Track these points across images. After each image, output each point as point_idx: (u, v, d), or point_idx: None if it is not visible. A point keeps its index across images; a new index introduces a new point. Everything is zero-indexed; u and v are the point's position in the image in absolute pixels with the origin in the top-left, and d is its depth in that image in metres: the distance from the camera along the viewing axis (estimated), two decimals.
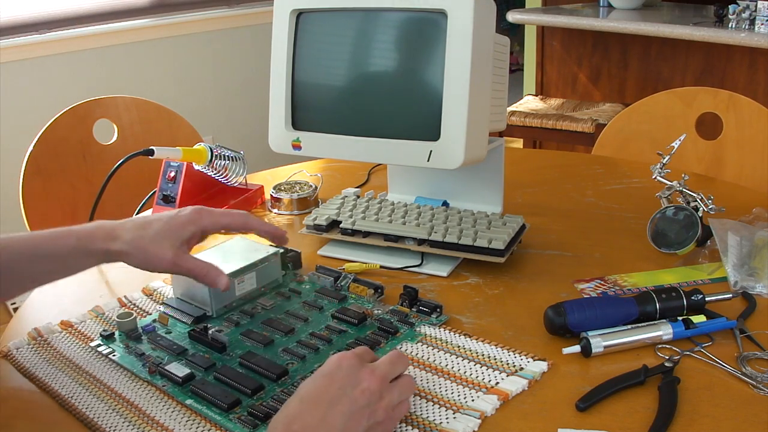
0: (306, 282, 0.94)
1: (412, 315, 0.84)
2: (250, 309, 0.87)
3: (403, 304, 0.86)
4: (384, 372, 0.64)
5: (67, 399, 0.73)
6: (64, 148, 1.52)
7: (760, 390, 0.69)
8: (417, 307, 0.85)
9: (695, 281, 0.90)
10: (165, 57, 2.89)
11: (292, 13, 0.99)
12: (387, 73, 0.96)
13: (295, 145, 1.02)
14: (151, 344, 0.80)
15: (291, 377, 0.73)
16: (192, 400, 0.71)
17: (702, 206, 0.97)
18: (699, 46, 2.62)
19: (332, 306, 0.87)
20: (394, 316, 0.84)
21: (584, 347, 0.75)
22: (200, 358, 0.77)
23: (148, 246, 0.77)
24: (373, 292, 0.88)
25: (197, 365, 0.75)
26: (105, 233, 0.77)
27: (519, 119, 2.62)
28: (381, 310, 0.85)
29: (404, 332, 0.81)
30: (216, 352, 0.78)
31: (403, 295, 0.86)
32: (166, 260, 0.77)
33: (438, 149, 0.91)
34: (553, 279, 0.93)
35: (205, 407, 0.69)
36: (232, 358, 0.77)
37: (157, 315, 0.86)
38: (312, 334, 0.81)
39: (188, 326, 0.84)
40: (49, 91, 2.56)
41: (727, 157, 1.45)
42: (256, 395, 0.70)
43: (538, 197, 1.21)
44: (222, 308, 0.86)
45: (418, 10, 0.91)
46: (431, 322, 0.83)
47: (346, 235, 1.01)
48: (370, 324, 0.82)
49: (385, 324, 0.81)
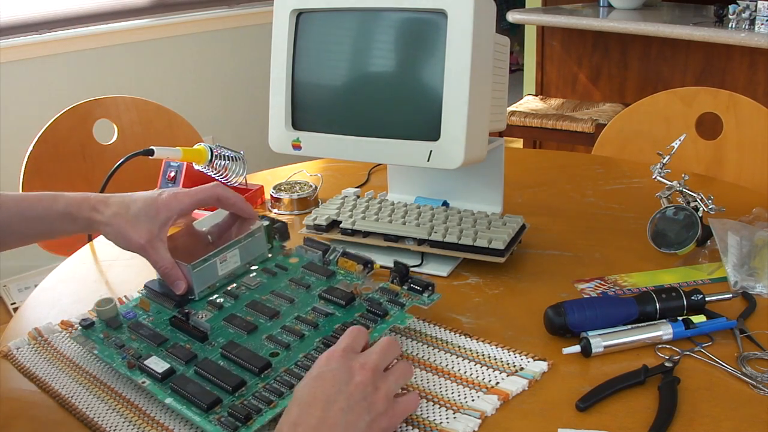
0: (293, 255, 0.91)
1: (402, 294, 0.81)
2: (235, 290, 0.85)
3: (394, 282, 0.83)
4: (375, 362, 0.63)
5: (67, 399, 0.73)
6: (64, 148, 1.53)
7: (760, 390, 0.69)
8: (408, 284, 0.82)
9: (695, 281, 0.90)
10: (165, 57, 2.89)
11: (292, 13, 0.99)
12: (387, 73, 0.96)
13: (295, 145, 1.02)
14: (132, 334, 0.78)
15: (274, 370, 0.71)
16: (172, 398, 0.69)
17: (702, 206, 0.97)
18: (699, 46, 2.62)
19: (320, 284, 0.84)
20: (384, 295, 0.81)
21: (584, 347, 0.75)
22: (181, 350, 0.74)
23: (125, 224, 0.81)
24: (362, 267, 0.86)
25: (178, 358, 0.73)
26: (90, 205, 0.83)
27: (519, 119, 2.62)
28: (371, 287, 0.82)
29: (394, 314, 0.78)
30: (197, 341, 0.76)
31: (394, 272, 0.83)
32: (137, 243, 0.81)
33: (438, 149, 0.91)
34: (553, 279, 0.93)
35: (185, 407, 0.67)
36: (214, 348, 0.75)
37: (138, 300, 0.84)
38: (297, 318, 0.78)
39: (170, 311, 0.82)
40: (49, 91, 2.56)
41: (727, 157, 1.45)
42: (237, 392, 0.68)
43: (538, 197, 1.21)
44: (205, 290, 0.84)
45: (418, 10, 0.91)
46: (422, 301, 0.80)
47: (346, 235, 1.01)
48: (359, 305, 0.80)
49: (374, 306, 0.78)
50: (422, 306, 0.80)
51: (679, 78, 2.79)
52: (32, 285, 2.52)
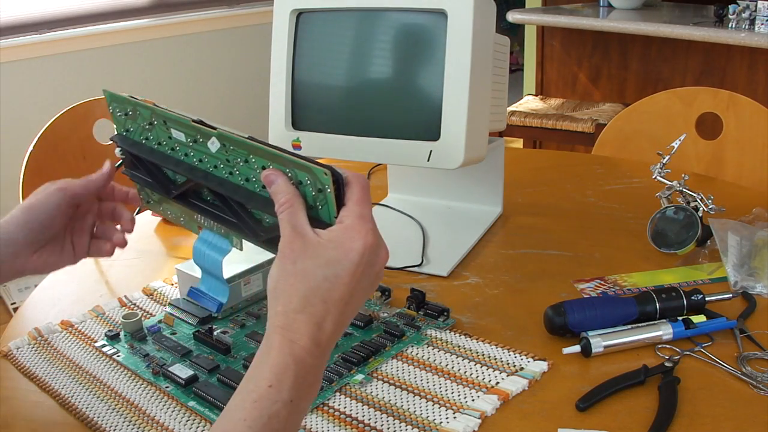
0: None
1: (419, 318, 0.84)
2: (256, 311, 0.87)
3: (410, 307, 0.86)
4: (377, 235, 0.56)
5: (67, 399, 0.73)
6: (64, 148, 1.52)
7: (760, 390, 0.69)
8: (424, 310, 0.85)
9: (695, 281, 0.90)
10: (165, 57, 2.89)
11: (292, 13, 0.98)
12: (387, 73, 0.96)
13: (295, 145, 1.01)
14: (156, 345, 0.80)
15: None
16: (195, 402, 0.71)
17: (702, 206, 0.97)
18: (699, 46, 2.61)
19: None
20: (401, 319, 0.84)
21: (584, 347, 0.75)
22: (204, 360, 0.77)
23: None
24: (380, 294, 0.88)
25: (201, 367, 0.75)
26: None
27: (519, 119, 2.61)
28: (388, 313, 0.85)
29: (410, 335, 0.81)
30: (220, 354, 0.78)
31: (410, 298, 0.86)
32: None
33: (438, 149, 0.91)
34: (553, 279, 0.93)
35: (208, 409, 0.69)
36: (236, 360, 0.77)
37: (163, 315, 0.86)
38: None
39: (193, 327, 0.84)
40: (49, 91, 2.56)
41: (727, 157, 1.45)
42: None
43: (538, 197, 1.21)
44: (228, 309, 0.86)
45: (418, 10, 0.91)
46: (438, 325, 0.82)
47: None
48: (376, 327, 0.82)
49: (391, 327, 0.81)
50: (437, 330, 0.82)
51: (679, 78, 2.79)
52: (32, 285, 2.51)
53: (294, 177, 0.58)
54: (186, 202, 0.71)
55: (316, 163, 0.57)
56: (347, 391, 0.72)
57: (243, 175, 0.64)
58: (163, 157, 0.71)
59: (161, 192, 0.73)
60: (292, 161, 0.58)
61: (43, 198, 0.72)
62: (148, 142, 0.72)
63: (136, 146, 0.73)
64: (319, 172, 0.56)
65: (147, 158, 0.72)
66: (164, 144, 0.70)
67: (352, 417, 0.68)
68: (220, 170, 0.66)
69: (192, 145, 0.67)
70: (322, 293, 0.53)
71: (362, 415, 0.68)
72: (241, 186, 0.64)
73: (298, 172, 0.58)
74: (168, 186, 0.72)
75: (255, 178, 0.63)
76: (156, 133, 0.71)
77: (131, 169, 0.76)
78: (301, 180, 0.58)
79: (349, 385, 0.73)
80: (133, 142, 0.73)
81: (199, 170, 0.67)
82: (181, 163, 0.69)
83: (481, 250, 1.02)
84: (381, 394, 0.71)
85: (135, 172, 0.75)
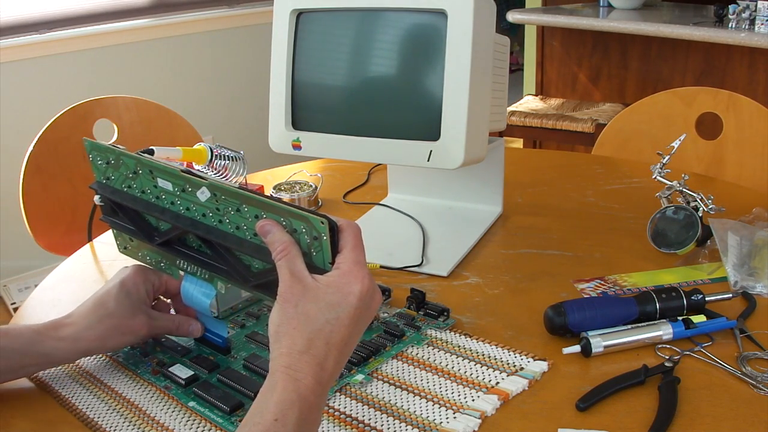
0: None
1: (419, 318, 0.84)
2: (256, 311, 0.87)
3: (410, 307, 0.86)
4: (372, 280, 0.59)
5: (67, 399, 0.73)
6: (64, 148, 1.52)
7: (760, 390, 0.69)
8: (424, 310, 0.85)
9: (695, 281, 0.90)
10: (165, 57, 2.89)
11: (292, 13, 0.99)
12: (387, 73, 0.96)
13: (295, 145, 1.02)
14: (156, 345, 0.81)
15: None
16: (195, 402, 0.71)
17: (702, 206, 0.97)
18: (699, 46, 2.62)
19: None
20: (401, 319, 0.84)
21: (584, 347, 0.75)
22: (204, 360, 0.77)
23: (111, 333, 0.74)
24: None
25: (201, 367, 0.75)
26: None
27: (519, 119, 2.61)
28: (388, 313, 0.85)
29: (410, 336, 0.81)
30: (221, 354, 0.78)
31: (410, 298, 0.86)
32: (141, 334, 0.76)
33: (438, 149, 0.91)
34: (553, 279, 0.93)
35: (208, 410, 0.69)
36: (236, 360, 0.77)
37: None
38: None
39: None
40: (49, 91, 2.56)
41: (727, 157, 1.45)
42: None
43: (538, 197, 1.21)
44: (228, 310, 0.86)
45: (418, 10, 0.91)
46: (438, 325, 0.82)
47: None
48: (377, 327, 0.82)
49: (392, 327, 0.81)
50: (437, 329, 0.82)
51: (679, 78, 2.79)
52: (32, 285, 2.51)
53: (289, 226, 0.61)
54: (169, 248, 0.72)
55: (311, 212, 0.59)
56: (347, 391, 0.72)
57: (234, 223, 0.65)
58: (146, 205, 0.71)
59: (143, 239, 0.73)
60: (288, 211, 0.60)
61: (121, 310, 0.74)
62: (131, 190, 0.73)
63: (117, 194, 0.74)
64: (316, 221, 0.58)
65: (129, 206, 0.73)
66: (148, 192, 0.71)
67: (352, 417, 0.68)
68: (208, 218, 0.67)
69: (180, 194, 0.68)
70: (325, 335, 0.56)
71: (362, 415, 0.68)
72: (230, 233, 0.65)
73: (293, 221, 0.60)
74: (151, 233, 0.73)
75: (246, 227, 0.64)
76: (140, 181, 0.72)
77: (110, 216, 0.76)
78: (296, 228, 0.60)
79: (350, 385, 0.73)
80: (114, 189, 0.74)
81: (185, 218, 0.68)
82: (166, 211, 0.70)
83: (481, 250, 1.02)
84: (381, 394, 0.71)
85: (114, 219, 0.76)
